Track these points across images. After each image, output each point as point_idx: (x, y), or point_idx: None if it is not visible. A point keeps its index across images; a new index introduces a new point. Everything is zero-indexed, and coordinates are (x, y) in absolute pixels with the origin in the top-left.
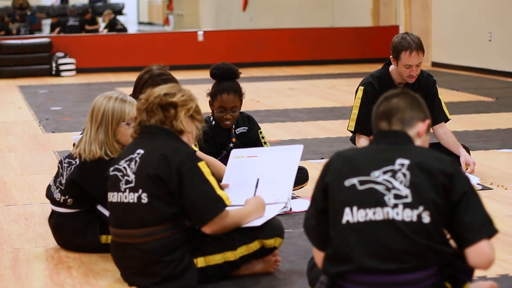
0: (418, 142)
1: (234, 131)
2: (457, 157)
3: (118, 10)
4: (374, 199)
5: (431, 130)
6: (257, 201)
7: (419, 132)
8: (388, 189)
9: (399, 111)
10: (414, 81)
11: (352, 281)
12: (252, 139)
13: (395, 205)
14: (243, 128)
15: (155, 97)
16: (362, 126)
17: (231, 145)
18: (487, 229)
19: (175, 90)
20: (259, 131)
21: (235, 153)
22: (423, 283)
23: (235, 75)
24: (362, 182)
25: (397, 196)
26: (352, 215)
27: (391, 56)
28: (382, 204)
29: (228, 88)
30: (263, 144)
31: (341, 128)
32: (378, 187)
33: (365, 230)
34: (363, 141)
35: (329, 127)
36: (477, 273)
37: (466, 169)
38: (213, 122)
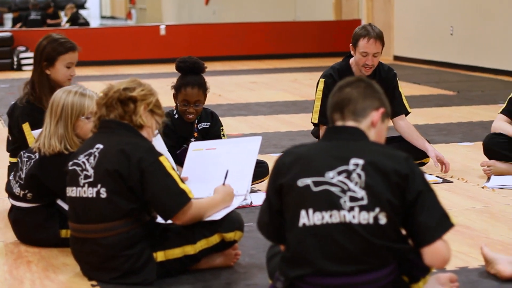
0: (372, 132)
1: (196, 126)
2: (420, 152)
3: (80, 4)
4: (330, 201)
5: (391, 122)
6: (226, 191)
7: (372, 122)
8: (344, 191)
9: (351, 102)
10: (375, 74)
11: (311, 284)
12: (214, 135)
13: (351, 208)
14: (205, 123)
15: (115, 92)
16: (326, 117)
17: (193, 139)
18: (444, 226)
19: (135, 85)
20: (221, 128)
21: (194, 146)
22: (382, 282)
23: (200, 69)
24: (316, 183)
25: (352, 199)
26: (308, 218)
27: (350, 44)
28: (338, 207)
29: (192, 82)
30: (220, 131)
31: (303, 122)
32: (333, 189)
33: (322, 233)
34: None
35: (291, 121)
36: None
37: (442, 168)
38: (176, 116)
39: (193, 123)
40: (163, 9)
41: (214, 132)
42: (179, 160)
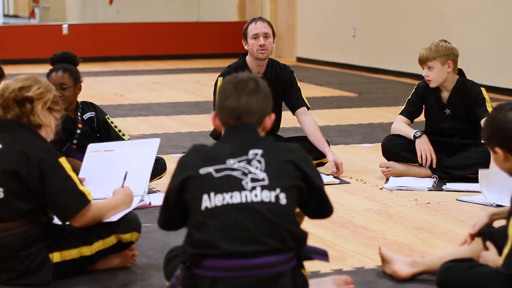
0: (263, 134)
1: (80, 117)
2: (321, 152)
3: None
4: (232, 184)
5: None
6: (125, 192)
7: (264, 127)
8: (245, 174)
9: (249, 114)
10: (272, 71)
11: (211, 268)
12: (103, 124)
13: (253, 188)
14: (90, 113)
15: (10, 92)
16: None
17: (78, 131)
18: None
19: (31, 83)
20: (106, 116)
21: (92, 147)
22: (282, 267)
23: (70, 59)
24: (218, 170)
25: (254, 180)
26: (210, 200)
27: (242, 40)
28: (240, 188)
29: (57, 67)
30: (118, 132)
31: (204, 123)
32: (234, 173)
33: (223, 213)
34: None
35: (192, 122)
36: (333, 266)
37: (337, 171)
38: None
39: (76, 115)
40: (67, 8)
41: (101, 120)
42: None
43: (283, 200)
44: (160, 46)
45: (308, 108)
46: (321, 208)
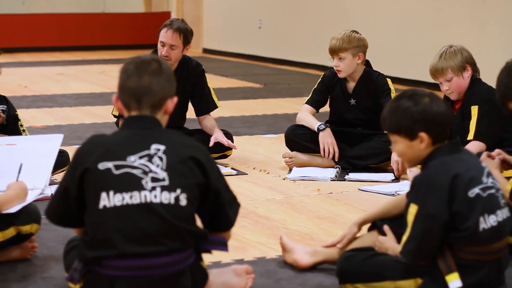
0: (165, 118)
1: None
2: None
3: None
4: (131, 183)
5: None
6: (19, 186)
7: (166, 110)
8: (145, 173)
9: (150, 94)
10: (183, 69)
11: (110, 267)
12: (12, 117)
13: (153, 188)
14: (2, 106)
15: None
16: None
17: None
18: (235, 210)
19: None
20: (16, 112)
21: None
22: (181, 264)
23: None
24: (117, 167)
25: (154, 179)
26: (109, 199)
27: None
28: (140, 187)
29: None
30: (20, 127)
31: (109, 114)
32: (134, 171)
33: (122, 214)
34: None
35: (96, 113)
36: (234, 256)
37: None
38: None
39: None
40: None
41: (12, 114)
42: None
43: (183, 201)
44: (66, 37)
45: (215, 108)
46: (219, 214)
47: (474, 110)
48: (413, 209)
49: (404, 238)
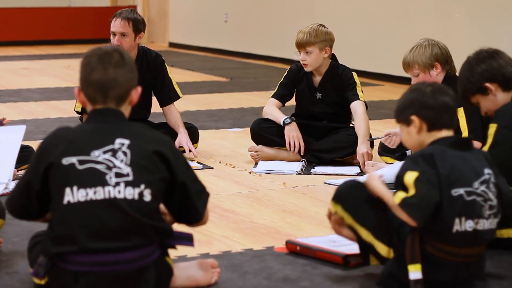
0: (129, 108)
1: None
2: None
3: None
4: (95, 178)
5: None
6: None
7: (131, 101)
8: (109, 168)
9: (116, 87)
10: (142, 60)
11: (74, 262)
12: None
13: (117, 184)
14: None
15: None
16: None
17: None
18: (204, 202)
19: None
20: None
21: None
22: (145, 260)
23: None
24: (81, 162)
25: (118, 175)
26: (73, 195)
27: None
28: (104, 183)
29: None
30: None
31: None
32: (98, 166)
33: (86, 210)
34: None
35: (62, 107)
36: (200, 250)
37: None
38: None
39: None
40: None
41: None
42: None
43: (147, 196)
44: (31, 32)
45: (178, 98)
46: (187, 208)
47: (460, 112)
48: (412, 176)
49: (403, 194)
